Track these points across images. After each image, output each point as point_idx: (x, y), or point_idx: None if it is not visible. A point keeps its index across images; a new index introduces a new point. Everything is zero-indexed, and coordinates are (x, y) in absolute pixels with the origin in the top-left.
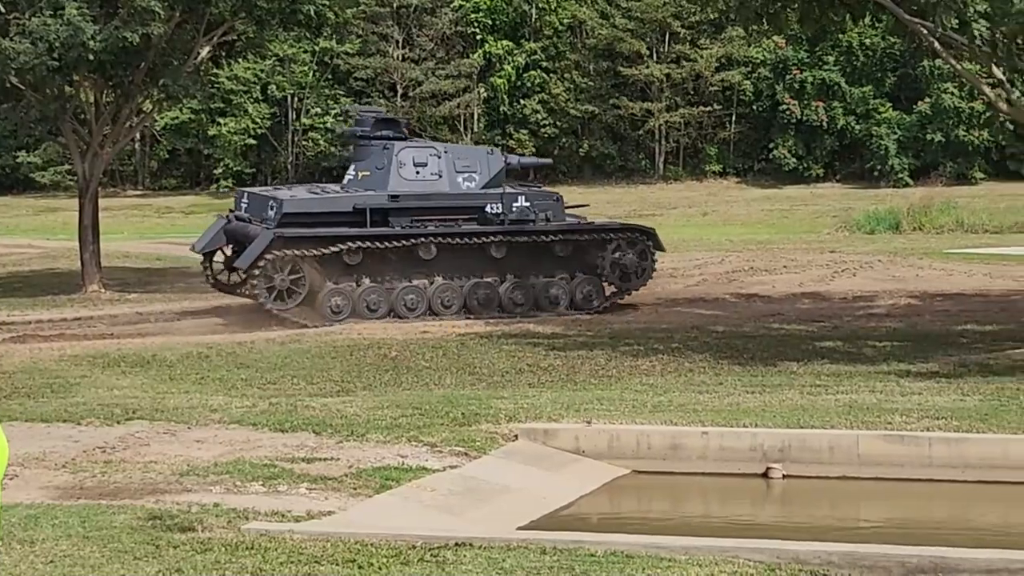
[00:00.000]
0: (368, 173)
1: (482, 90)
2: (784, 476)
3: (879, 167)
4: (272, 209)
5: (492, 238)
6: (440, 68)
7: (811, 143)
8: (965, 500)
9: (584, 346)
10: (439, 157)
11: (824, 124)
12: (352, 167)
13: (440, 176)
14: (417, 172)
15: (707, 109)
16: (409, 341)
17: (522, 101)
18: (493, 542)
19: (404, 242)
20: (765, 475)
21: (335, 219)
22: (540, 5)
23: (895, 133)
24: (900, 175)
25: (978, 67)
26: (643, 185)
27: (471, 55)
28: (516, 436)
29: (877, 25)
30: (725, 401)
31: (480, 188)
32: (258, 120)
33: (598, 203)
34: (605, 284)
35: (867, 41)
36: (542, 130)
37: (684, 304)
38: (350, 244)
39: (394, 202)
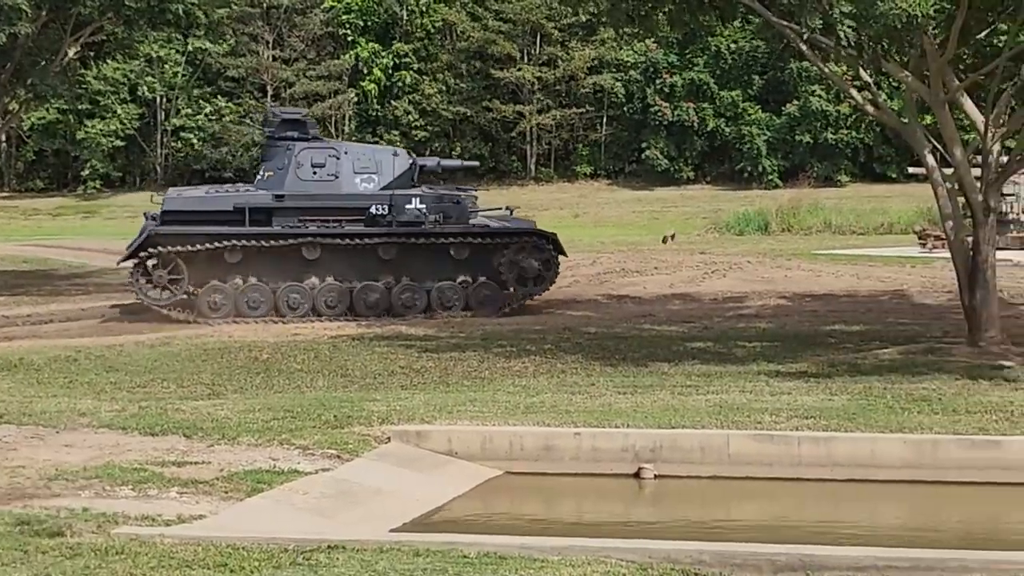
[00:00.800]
0: (272, 173)
1: (353, 92)
2: (656, 476)
3: (750, 168)
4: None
5: (375, 239)
6: (311, 69)
7: (682, 144)
8: (833, 499)
9: (457, 348)
10: (337, 158)
11: (695, 126)
12: (262, 167)
13: (336, 177)
14: (314, 172)
15: (579, 111)
16: (281, 344)
17: (393, 103)
18: (366, 544)
19: (284, 241)
20: (637, 475)
21: (218, 217)
22: (411, 7)
23: (765, 134)
24: (770, 176)
25: (845, 69)
26: (515, 187)
27: (342, 56)
28: (389, 438)
29: (746, 28)
30: (597, 402)
31: (379, 189)
32: (127, 121)
33: None
34: (510, 288)
35: (734, 45)
36: (413, 132)
37: (556, 305)
38: (227, 243)
39: (278, 201)
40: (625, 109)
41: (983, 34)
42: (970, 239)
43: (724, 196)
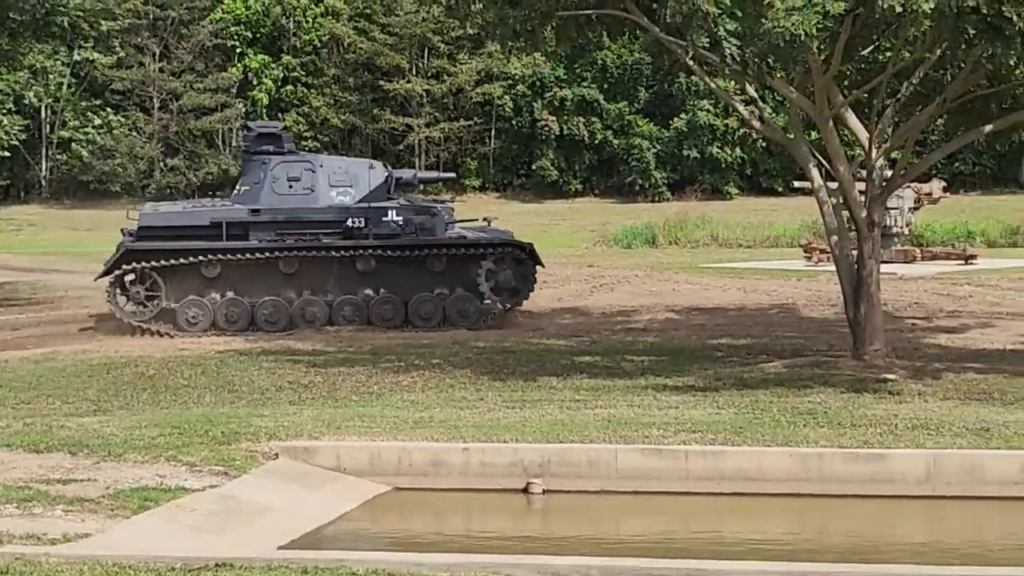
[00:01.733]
0: (248, 188)
1: (241, 104)
2: (544, 491)
3: (640, 181)
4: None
5: (353, 252)
6: (199, 81)
7: (571, 158)
8: (722, 512)
9: (345, 362)
10: (313, 171)
11: (584, 139)
12: (239, 181)
13: (312, 190)
14: (290, 186)
15: (467, 124)
16: (168, 359)
17: (282, 115)
18: (254, 562)
19: (260, 255)
20: (526, 490)
21: (194, 232)
22: (298, 19)
23: (654, 148)
24: (660, 189)
25: (732, 84)
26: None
27: (230, 68)
28: (277, 454)
29: (633, 43)
30: (486, 417)
31: (355, 202)
32: (11, 132)
33: None
34: (488, 300)
35: (619, 60)
36: (303, 144)
37: None
38: (203, 257)
39: (254, 216)
40: (514, 122)
41: (867, 51)
42: (855, 253)
43: (613, 209)
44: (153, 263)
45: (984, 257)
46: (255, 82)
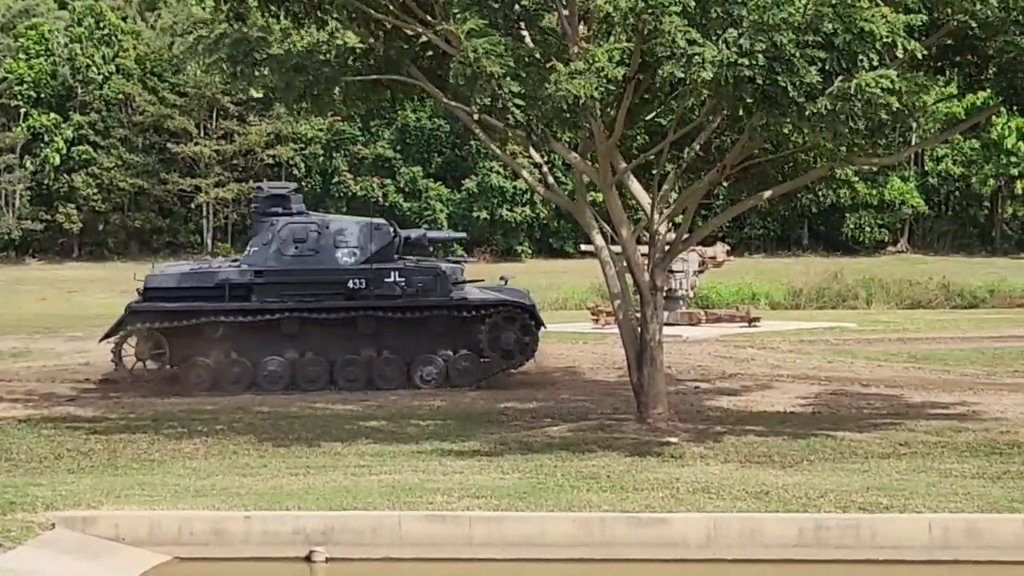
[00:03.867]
0: (257, 249)
1: (30, 164)
2: (328, 559)
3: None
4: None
5: (352, 313)
6: None
7: None
8: None
9: (126, 429)
10: (319, 232)
11: (378, 200)
12: (250, 243)
13: (317, 252)
14: (296, 247)
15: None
16: None
17: (70, 176)
18: None
19: (261, 317)
20: (308, 558)
21: (200, 294)
22: (87, 78)
23: (446, 210)
24: (453, 249)
25: (520, 149)
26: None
27: (14, 128)
28: (54, 524)
29: (424, 107)
30: (269, 484)
31: (360, 263)
32: None
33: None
34: (488, 360)
35: (418, 122)
36: (91, 204)
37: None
38: (205, 319)
39: (258, 277)
40: (304, 183)
41: (649, 117)
42: (639, 316)
43: None
44: (156, 324)
45: (768, 319)
46: (46, 139)
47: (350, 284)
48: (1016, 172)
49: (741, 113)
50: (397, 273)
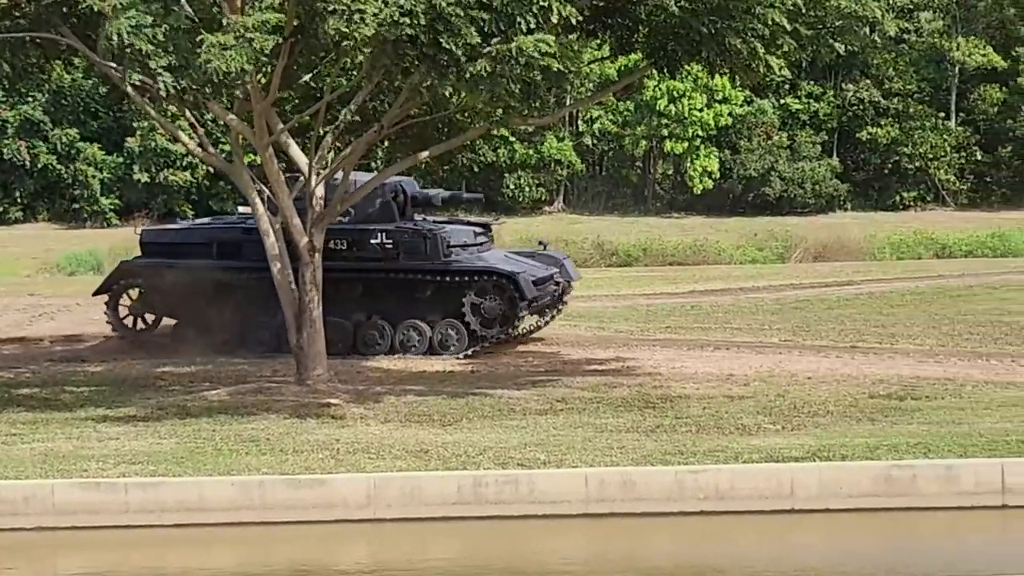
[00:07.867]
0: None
1: None
2: None
3: (87, 208)
4: None
5: (334, 275)
6: None
7: (11, 184)
8: (164, 545)
9: None
10: None
11: (27, 164)
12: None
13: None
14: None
15: None
16: None
17: None
18: None
19: (249, 275)
20: None
21: (191, 250)
22: None
23: (101, 173)
24: (108, 215)
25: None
26: None
27: None
28: None
29: (76, 67)
30: None
31: (355, 223)
32: None
33: None
34: (473, 329)
35: (74, 83)
36: None
37: None
38: (196, 275)
39: (246, 235)
40: None
41: (308, 77)
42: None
43: (57, 236)
44: (148, 279)
45: None
46: None
47: (331, 245)
48: (666, 133)
49: (400, 74)
50: (384, 235)
